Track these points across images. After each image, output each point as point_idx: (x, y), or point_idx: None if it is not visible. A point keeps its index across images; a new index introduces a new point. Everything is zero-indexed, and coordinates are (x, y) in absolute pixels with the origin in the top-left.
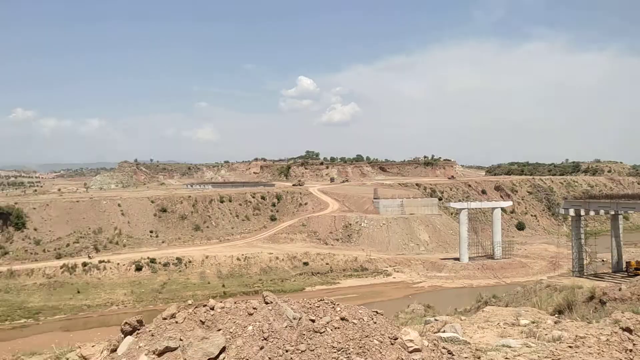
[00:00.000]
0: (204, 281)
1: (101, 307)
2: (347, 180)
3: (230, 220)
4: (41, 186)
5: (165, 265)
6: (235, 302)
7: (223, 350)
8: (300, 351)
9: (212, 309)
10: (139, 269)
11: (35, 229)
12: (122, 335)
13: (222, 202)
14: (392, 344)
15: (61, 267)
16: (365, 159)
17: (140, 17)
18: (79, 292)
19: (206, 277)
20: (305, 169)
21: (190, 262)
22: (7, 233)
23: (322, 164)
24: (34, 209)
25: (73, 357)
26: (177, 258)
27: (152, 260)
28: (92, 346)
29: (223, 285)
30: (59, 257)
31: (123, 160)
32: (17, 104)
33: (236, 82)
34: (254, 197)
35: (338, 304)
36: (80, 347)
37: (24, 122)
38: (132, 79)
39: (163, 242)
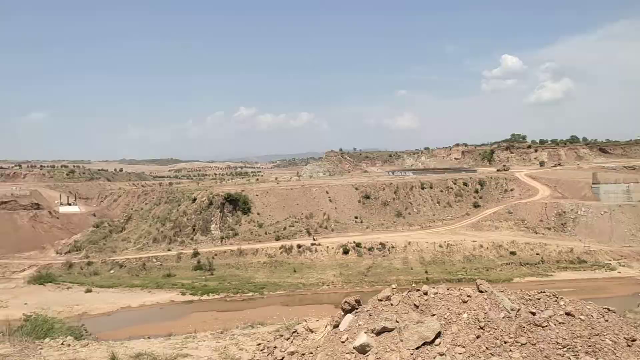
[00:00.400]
0: (407, 266)
1: (314, 286)
2: (559, 164)
3: (432, 206)
4: (262, 175)
5: (369, 249)
6: (448, 289)
7: (438, 335)
8: (520, 344)
9: (426, 294)
10: (346, 252)
11: (258, 214)
12: (343, 313)
13: (422, 188)
14: (629, 345)
15: (280, 248)
16: (581, 140)
17: (337, 11)
18: (295, 271)
19: (409, 263)
20: (511, 153)
21: (393, 247)
22: (236, 217)
23: (529, 147)
24: (257, 195)
25: (300, 329)
26: (381, 243)
27: (358, 245)
28: (317, 320)
29: (426, 272)
30: (277, 238)
31: (329, 149)
32: (241, 104)
33: (435, 67)
34: (455, 184)
35: (561, 298)
36: (306, 321)
37: (247, 119)
38: (334, 73)
39: (367, 227)
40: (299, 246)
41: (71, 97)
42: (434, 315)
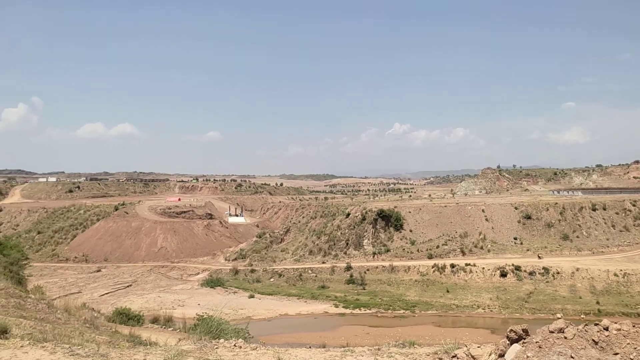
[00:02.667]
0: (574, 295)
1: (468, 308)
2: None
3: (605, 230)
4: (415, 192)
5: (530, 274)
6: (634, 325)
7: None
8: None
9: (606, 329)
10: (503, 275)
11: (410, 230)
12: (508, 342)
13: (594, 210)
14: None
15: (432, 267)
16: None
17: (496, 19)
18: (447, 291)
19: (577, 291)
20: None
21: (558, 273)
22: (388, 233)
23: None
24: (409, 212)
25: (461, 355)
26: (544, 267)
27: (517, 268)
28: (478, 347)
29: (597, 302)
30: (430, 257)
31: (485, 166)
32: (395, 120)
33: (610, 75)
34: (634, 205)
35: None
36: (467, 346)
37: (400, 135)
38: (492, 87)
39: (527, 249)
40: (452, 265)
41: (241, 119)
42: (616, 354)
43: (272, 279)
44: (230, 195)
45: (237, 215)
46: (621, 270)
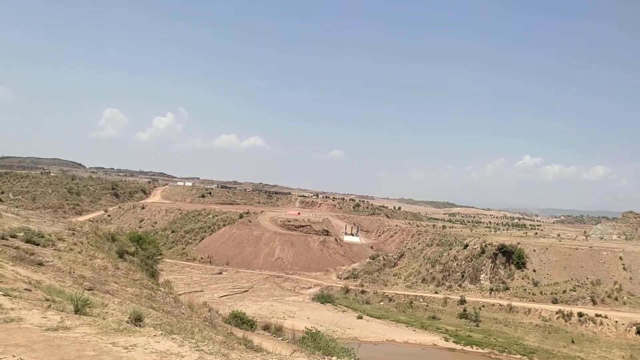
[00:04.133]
0: None
1: None
2: None
3: None
4: (541, 230)
5: None
6: None
7: None
8: None
9: None
10: None
11: (534, 270)
12: None
13: None
14: None
15: (557, 313)
16: None
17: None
18: (572, 342)
19: None
20: None
21: None
22: (508, 270)
23: None
24: (534, 250)
25: None
26: None
27: None
28: None
29: None
30: (555, 301)
31: (628, 210)
32: (525, 152)
33: None
34: None
35: None
36: None
37: (531, 168)
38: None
39: None
40: (580, 314)
41: (361, 140)
42: None
43: (381, 303)
44: (348, 214)
45: (352, 235)
46: None
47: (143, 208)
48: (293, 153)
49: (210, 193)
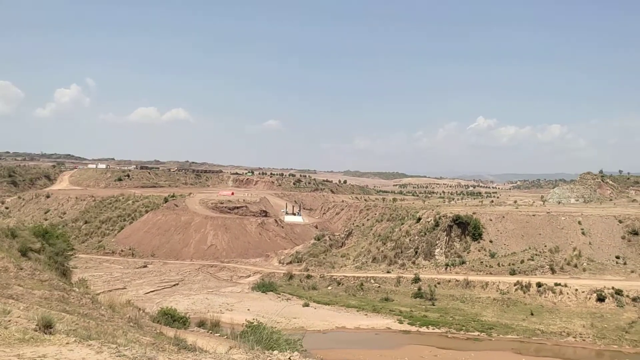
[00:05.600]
0: None
1: (555, 336)
2: None
3: None
4: (497, 197)
5: (634, 300)
6: None
7: None
8: None
9: None
10: (600, 299)
11: (490, 241)
12: None
13: None
14: None
15: (515, 284)
16: None
17: None
18: (532, 314)
19: None
20: None
21: None
22: (464, 242)
23: None
24: (490, 220)
25: None
26: None
27: (618, 292)
28: None
29: None
30: (513, 273)
31: (585, 171)
32: (478, 113)
33: None
34: None
35: None
36: None
37: (485, 131)
38: (604, 73)
39: (632, 271)
40: (538, 285)
41: (299, 108)
42: None
43: (329, 287)
44: (288, 192)
45: (294, 214)
46: None
47: (48, 197)
48: (223, 125)
49: (128, 176)
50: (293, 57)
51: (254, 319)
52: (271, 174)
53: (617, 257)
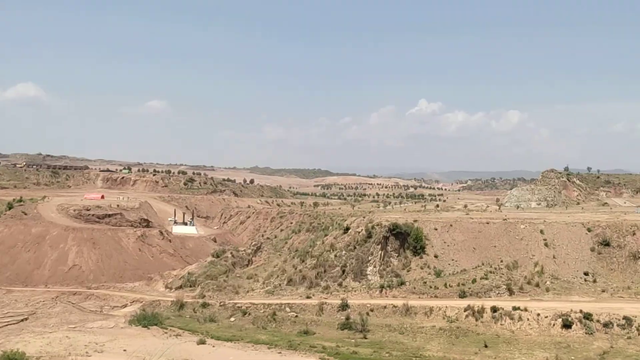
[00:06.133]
0: None
1: None
2: None
3: None
4: (444, 200)
5: (606, 325)
6: None
7: None
8: None
9: None
10: (567, 325)
11: (435, 256)
12: None
13: None
14: None
15: (465, 310)
16: None
17: None
18: (486, 346)
19: None
20: None
21: None
22: (403, 258)
23: None
24: (436, 229)
25: None
26: (625, 317)
27: (587, 316)
28: None
29: None
30: (462, 295)
31: (548, 169)
32: (421, 95)
33: None
34: None
35: None
36: None
37: (428, 117)
38: (570, 50)
39: (603, 290)
40: (494, 309)
41: (192, 84)
42: None
43: (232, 318)
44: (177, 195)
45: (185, 224)
46: None
47: None
48: (89, 106)
49: None
50: (173, 12)
51: None
52: (155, 171)
53: (586, 274)
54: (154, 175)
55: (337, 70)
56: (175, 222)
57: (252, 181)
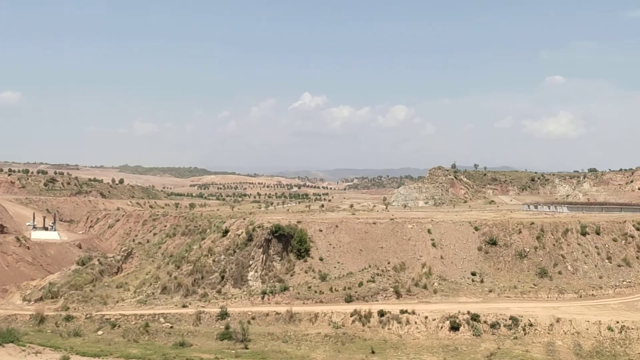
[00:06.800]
0: (553, 358)
1: None
2: None
3: (598, 264)
4: (329, 200)
5: (493, 326)
6: None
7: None
8: None
9: None
10: (455, 328)
11: (320, 259)
12: None
13: (583, 234)
14: None
15: (352, 315)
16: None
17: None
18: (373, 352)
19: (556, 352)
20: None
21: (531, 325)
22: (287, 262)
23: None
24: (320, 231)
25: None
26: (512, 317)
27: (474, 317)
28: None
29: None
30: (349, 299)
31: (436, 165)
32: (304, 89)
33: (614, 41)
34: (639, 230)
35: None
36: None
37: (312, 112)
38: (449, 51)
39: (490, 290)
40: (381, 313)
41: (50, 71)
42: None
43: (100, 332)
44: (37, 197)
45: (46, 229)
46: (617, 322)
47: None
48: None
49: None
50: None
51: None
52: (10, 170)
53: (473, 274)
54: (9, 175)
55: (211, 57)
56: (35, 227)
57: (121, 181)
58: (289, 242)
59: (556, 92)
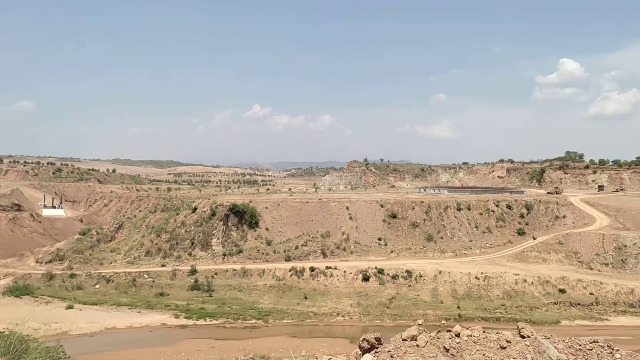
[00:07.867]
0: (436, 300)
1: (327, 316)
2: (621, 189)
3: (469, 231)
4: (273, 185)
5: (393, 277)
6: (484, 331)
7: None
8: None
9: (458, 335)
10: (366, 279)
11: (266, 229)
12: (360, 352)
13: (459, 209)
14: None
15: (290, 270)
16: None
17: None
18: (305, 297)
19: (439, 295)
20: (565, 173)
21: (421, 276)
22: (241, 231)
23: (587, 167)
24: (267, 208)
25: None
26: (407, 271)
27: (380, 271)
28: (329, 358)
29: (458, 307)
30: (288, 259)
31: (352, 159)
32: (254, 102)
33: (481, 70)
34: (497, 206)
35: (618, 350)
36: (317, 358)
37: (260, 119)
38: (363, 72)
39: (392, 251)
40: (312, 269)
41: (59, 88)
42: None
43: (97, 286)
44: (47, 182)
45: (54, 207)
46: (482, 273)
47: None
48: None
49: None
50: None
51: (4, 328)
52: (25, 162)
53: (379, 239)
54: (24, 166)
55: (186, 73)
56: (45, 206)
57: (114, 171)
58: (243, 216)
59: (440, 106)
